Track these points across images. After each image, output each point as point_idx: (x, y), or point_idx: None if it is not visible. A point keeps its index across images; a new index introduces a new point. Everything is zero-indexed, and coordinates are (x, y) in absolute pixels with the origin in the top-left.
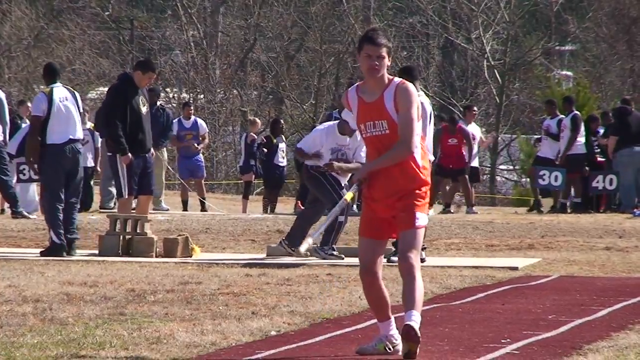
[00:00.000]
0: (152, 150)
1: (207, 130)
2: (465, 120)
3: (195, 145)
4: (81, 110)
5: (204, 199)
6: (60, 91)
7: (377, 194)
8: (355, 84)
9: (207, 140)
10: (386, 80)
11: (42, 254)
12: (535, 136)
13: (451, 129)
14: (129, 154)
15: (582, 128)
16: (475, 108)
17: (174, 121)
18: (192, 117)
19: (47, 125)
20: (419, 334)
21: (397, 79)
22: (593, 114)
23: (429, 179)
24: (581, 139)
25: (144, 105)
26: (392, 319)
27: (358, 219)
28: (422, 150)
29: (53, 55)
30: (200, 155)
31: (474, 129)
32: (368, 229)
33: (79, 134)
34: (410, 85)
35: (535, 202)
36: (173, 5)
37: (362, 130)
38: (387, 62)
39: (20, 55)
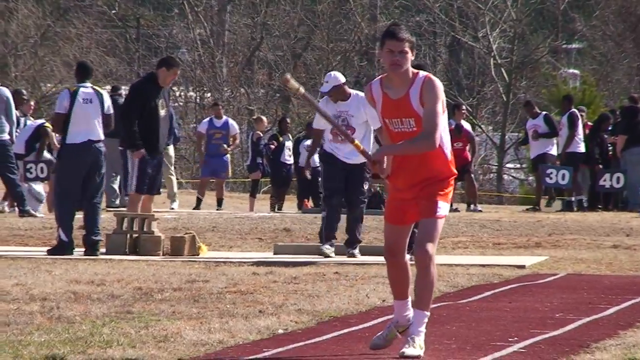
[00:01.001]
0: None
1: (238, 131)
2: (455, 119)
3: (225, 147)
4: (110, 112)
5: (221, 198)
6: (86, 92)
7: (401, 184)
8: (379, 77)
9: (237, 141)
10: (410, 75)
11: (49, 252)
12: (520, 134)
13: (457, 134)
14: (142, 150)
15: (580, 126)
16: (464, 107)
17: (204, 120)
18: (224, 117)
19: (68, 124)
20: (417, 355)
21: (422, 73)
22: (605, 113)
23: (454, 170)
24: (579, 137)
25: (163, 108)
26: (410, 299)
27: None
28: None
29: (60, 54)
30: (228, 156)
31: (465, 127)
32: (393, 217)
33: (100, 136)
34: (436, 80)
35: (536, 202)
36: (180, 3)
37: (387, 125)
38: (410, 56)
39: (27, 54)
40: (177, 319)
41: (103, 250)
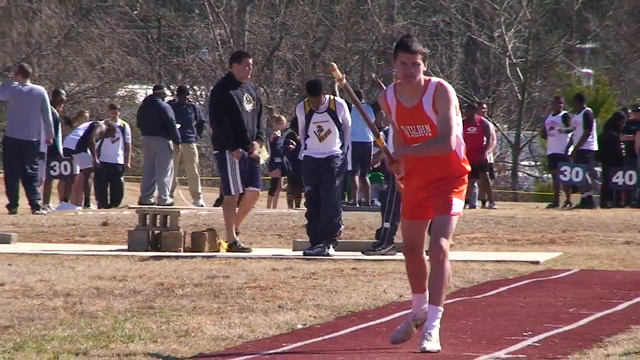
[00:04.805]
0: (256, 144)
1: None
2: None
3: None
4: None
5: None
6: None
7: (416, 185)
8: (392, 84)
9: None
10: (422, 83)
11: None
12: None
13: (470, 117)
14: (239, 149)
15: (594, 125)
16: (484, 105)
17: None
18: None
19: None
20: (437, 350)
21: (434, 80)
22: (619, 112)
23: (468, 167)
24: (593, 136)
25: (249, 103)
26: (427, 293)
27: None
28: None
29: (83, 54)
30: None
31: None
32: (409, 212)
33: None
34: (448, 86)
35: (555, 199)
36: (200, 4)
37: (403, 130)
38: (423, 67)
39: (51, 54)
40: (197, 314)
41: (119, 246)
